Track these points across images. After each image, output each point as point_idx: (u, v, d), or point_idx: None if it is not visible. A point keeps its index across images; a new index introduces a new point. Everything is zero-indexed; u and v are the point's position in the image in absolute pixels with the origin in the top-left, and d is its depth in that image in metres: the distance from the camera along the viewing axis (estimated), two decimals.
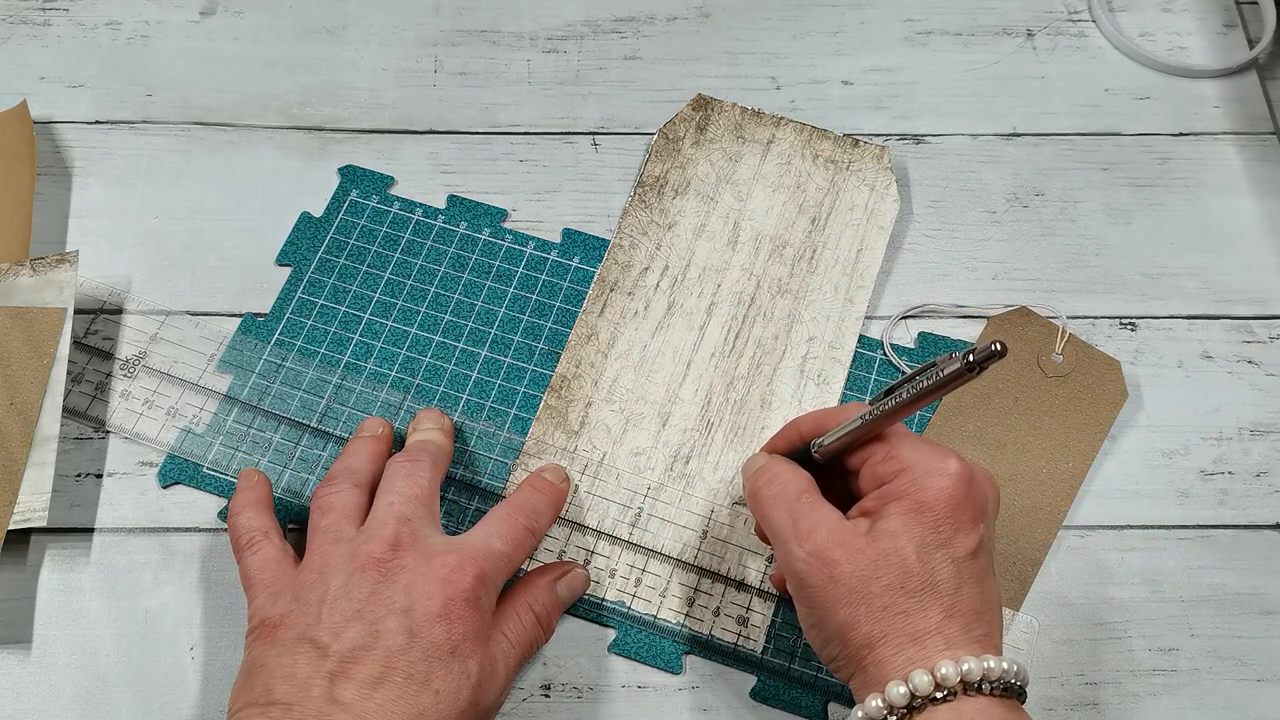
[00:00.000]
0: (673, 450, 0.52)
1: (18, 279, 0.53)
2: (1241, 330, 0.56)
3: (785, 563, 0.41)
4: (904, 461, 0.41)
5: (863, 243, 0.57)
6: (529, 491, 0.48)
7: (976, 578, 0.40)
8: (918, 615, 0.39)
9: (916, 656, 0.38)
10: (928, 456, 0.41)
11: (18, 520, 0.47)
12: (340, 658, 0.40)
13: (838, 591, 0.39)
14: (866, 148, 0.59)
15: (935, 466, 0.40)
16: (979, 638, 0.39)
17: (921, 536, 0.39)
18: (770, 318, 0.55)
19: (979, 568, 0.40)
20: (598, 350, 0.54)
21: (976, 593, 0.39)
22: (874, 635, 0.39)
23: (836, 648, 0.40)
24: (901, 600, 0.39)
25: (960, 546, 0.39)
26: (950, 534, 0.39)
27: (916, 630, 0.38)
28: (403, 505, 0.45)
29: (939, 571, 0.39)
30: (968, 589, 0.39)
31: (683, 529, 0.50)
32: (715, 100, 0.61)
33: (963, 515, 0.40)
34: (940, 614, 0.39)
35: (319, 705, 0.39)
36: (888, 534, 0.39)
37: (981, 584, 0.40)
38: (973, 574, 0.40)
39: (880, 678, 0.38)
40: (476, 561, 0.43)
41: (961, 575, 0.39)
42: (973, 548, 0.40)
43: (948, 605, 0.39)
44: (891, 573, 0.39)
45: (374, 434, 0.50)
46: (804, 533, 0.40)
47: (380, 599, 0.41)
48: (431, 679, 0.40)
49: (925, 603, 0.39)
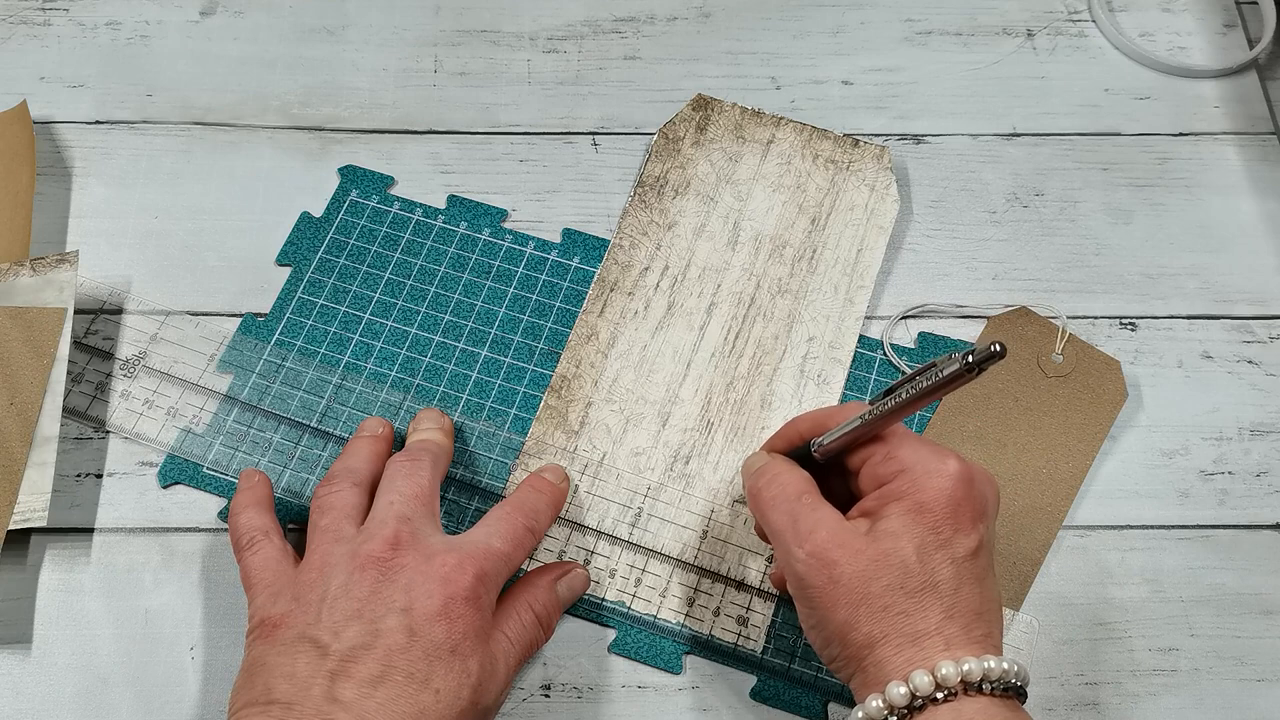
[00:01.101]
0: (673, 450, 0.52)
1: (18, 279, 0.53)
2: (1241, 330, 0.56)
3: (785, 563, 0.41)
4: (904, 462, 0.41)
5: (863, 243, 0.57)
6: (529, 491, 0.48)
7: (976, 578, 0.40)
8: (918, 616, 0.39)
9: (916, 657, 0.38)
10: (927, 457, 0.41)
11: (18, 520, 0.47)
12: (340, 657, 0.40)
13: (837, 592, 0.39)
14: (866, 148, 0.59)
15: (935, 467, 0.40)
16: (979, 638, 0.39)
17: (921, 537, 0.39)
18: (770, 318, 0.55)
19: (979, 568, 0.40)
20: (598, 350, 0.54)
21: (976, 593, 0.39)
22: (874, 635, 0.39)
23: (836, 648, 0.40)
24: (901, 601, 0.39)
25: (960, 547, 0.39)
26: (950, 534, 0.39)
27: (916, 631, 0.38)
28: (403, 505, 0.45)
29: (939, 572, 0.39)
30: (968, 589, 0.39)
31: (683, 529, 0.50)
32: (715, 100, 0.61)
33: (963, 516, 0.40)
34: (940, 614, 0.39)
35: (319, 704, 0.39)
36: (888, 534, 0.39)
37: (981, 584, 0.40)
38: (973, 574, 0.39)
39: (880, 678, 0.38)
40: (476, 560, 0.43)
41: (961, 575, 0.39)
42: (973, 548, 0.40)
43: (948, 606, 0.39)
44: (891, 573, 0.39)
45: (374, 434, 0.50)
46: (804, 533, 0.40)
47: (380, 598, 0.41)
48: (431, 678, 0.40)
49: (925, 603, 0.39)
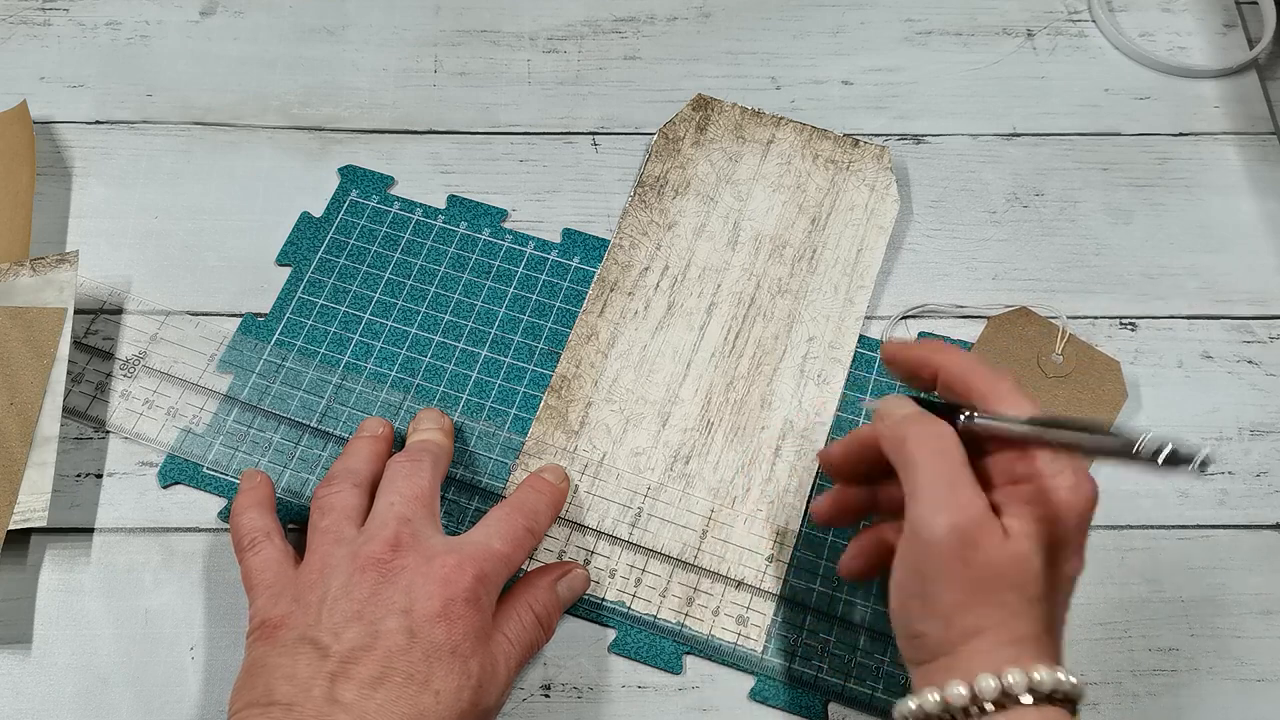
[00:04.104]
0: (673, 450, 0.52)
1: (18, 279, 0.53)
2: (1241, 330, 0.56)
3: (914, 523, 0.40)
4: (1040, 467, 0.40)
5: (863, 243, 0.57)
6: (528, 492, 0.48)
7: (1070, 596, 0.41)
8: (1026, 619, 0.39)
9: (1012, 656, 0.38)
10: (1068, 469, 0.40)
11: (18, 520, 0.47)
12: (340, 658, 0.40)
13: (966, 573, 0.39)
14: (866, 148, 0.59)
15: (1074, 483, 0.40)
16: (1056, 652, 0.40)
17: (1052, 548, 0.40)
18: (770, 318, 0.55)
19: (1072, 588, 0.41)
20: (598, 350, 0.54)
21: (1067, 612, 0.41)
22: (982, 626, 0.39)
23: (936, 625, 0.39)
24: (1019, 602, 0.39)
25: (1073, 566, 0.40)
26: (1071, 551, 0.40)
27: (1021, 634, 0.39)
28: (403, 506, 0.45)
29: (1055, 585, 0.40)
30: (1064, 606, 0.41)
31: (682, 529, 0.50)
32: (715, 100, 0.61)
33: (1083, 536, 0.41)
34: (1043, 624, 0.39)
35: (319, 705, 0.39)
36: (1023, 536, 0.39)
37: (1069, 603, 0.41)
38: (1070, 593, 0.41)
39: (971, 669, 0.38)
40: (476, 561, 0.43)
41: (1067, 592, 0.40)
42: (1080, 569, 0.41)
43: (1051, 618, 0.39)
44: (1021, 574, 0.39)
45: (374, 434, 0.50)
46: (959, 504, 0.39)
47: (380, 599, 0.41)
48: (431, 679, 0.40)
49: (1036, 611, 0.39)
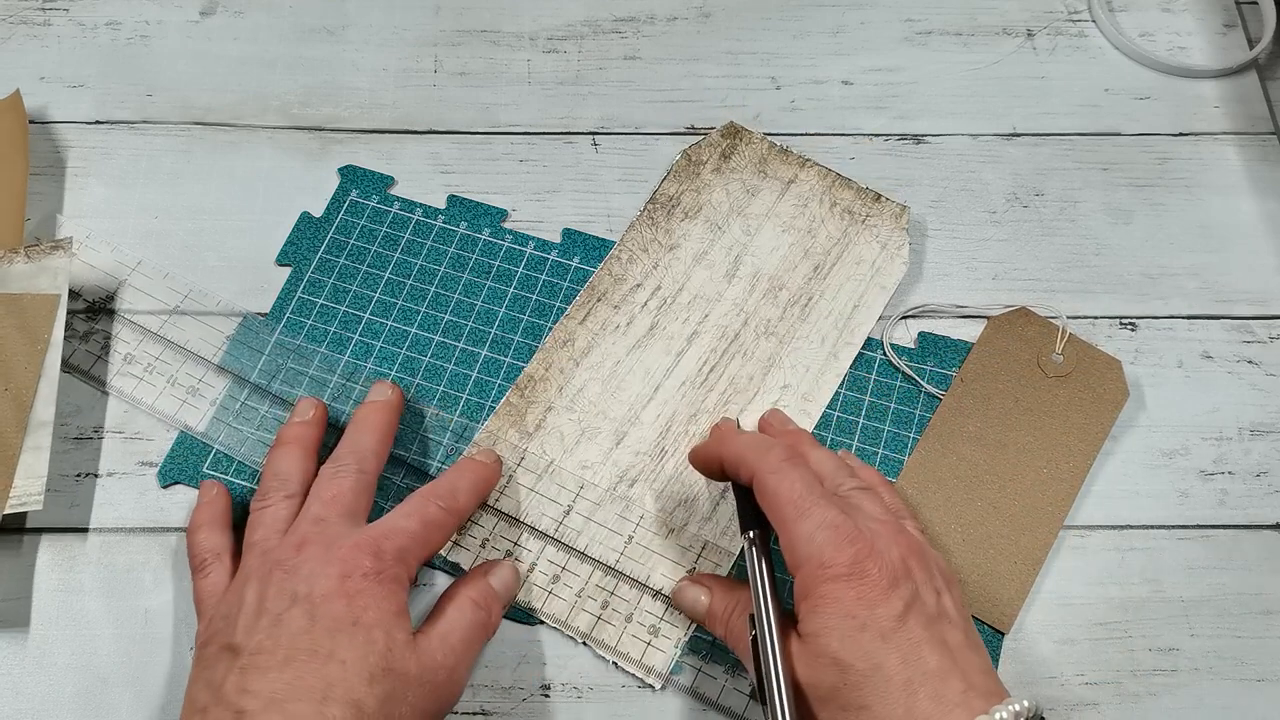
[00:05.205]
0: (620, 470, 0.51)
1: (12, 265, 0.52)
2: (1241, 330, 0.56)
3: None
4: (796, 555, 0.40)
5: (861, 299, 0.56)
6: (449, 473, 0.49)
7: (922, 640, 0.38)
8: (879, 707, 0.37)
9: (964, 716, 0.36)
10: (811, 546, 0.40)
11: (14, 504, 0.47)
12: (250, 652, 0.41)
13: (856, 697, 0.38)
14: (887, 204, 0.58)
15: (818, 554, 0.39)
16: (957, 699, 0.37)
17: (839, 626, 0.38)
18: (750, 357, 0.54)
19: (919, 627, 0.38)
20: (570, 357, 0.54)
21: (931, 653, 0.38)
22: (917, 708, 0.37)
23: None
24: (850, 695, 0.38)
25: (883, 619, 0.38)
26: (865, 613, 0.38)
27: (945, 691, 0.37)
28: (320, 508, 0.45)
29: (874, 654, 0.38)
30: (917, 654, 0.38)
31: (612, 533, 0.50)
32: (746, 131, 0.60)
33: (870, 588, 0.38)
34: (902, 694, 0.37)
35: (231, 698, 0.40)
36: (810, 636, 0.39)
37: (932, 642, 0.38)
38: (914, 639, 0.38)
39: None
40: (376, 540, 0.44)
41: (901, 645, 0.38)
42: (898, 613, 0.38)
43: (904, 682, 0.37)
44: (829, 674, 0.38)
45: (304, 419, 0.50)
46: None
47: (283, 592, 0.42)
48: (336, 650, 0.41)
49: (879, 691, 0.37)
